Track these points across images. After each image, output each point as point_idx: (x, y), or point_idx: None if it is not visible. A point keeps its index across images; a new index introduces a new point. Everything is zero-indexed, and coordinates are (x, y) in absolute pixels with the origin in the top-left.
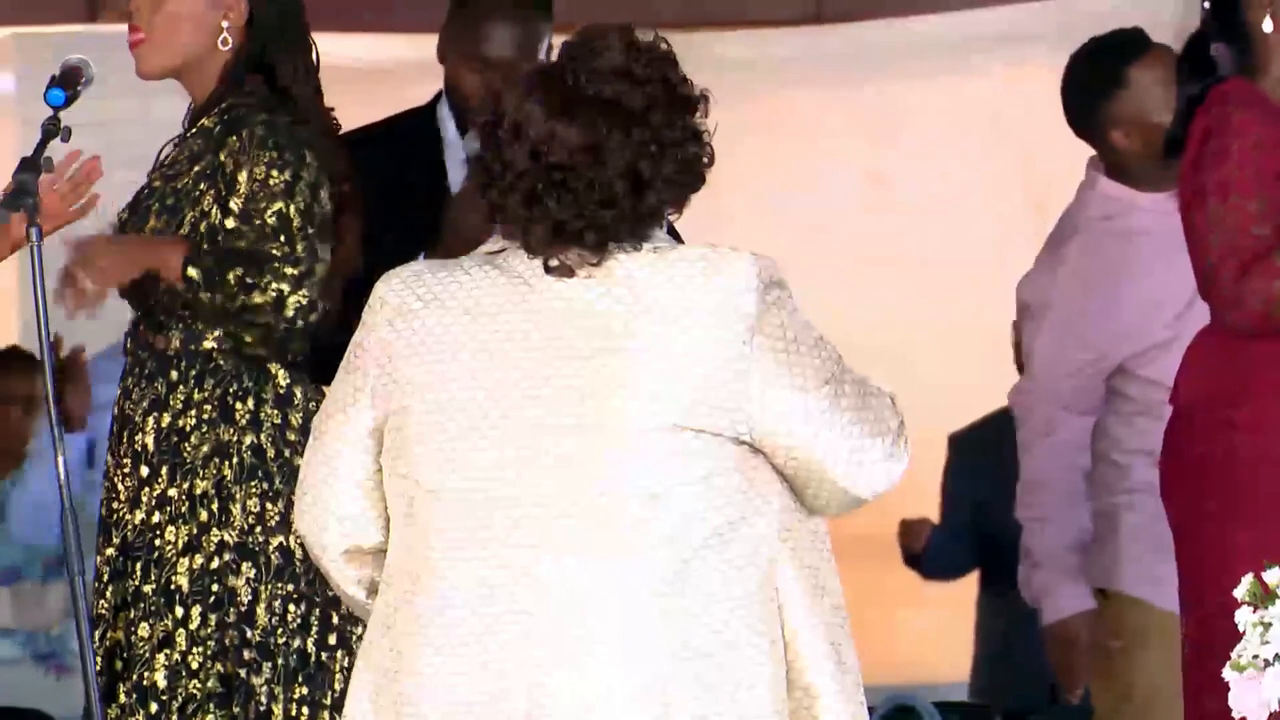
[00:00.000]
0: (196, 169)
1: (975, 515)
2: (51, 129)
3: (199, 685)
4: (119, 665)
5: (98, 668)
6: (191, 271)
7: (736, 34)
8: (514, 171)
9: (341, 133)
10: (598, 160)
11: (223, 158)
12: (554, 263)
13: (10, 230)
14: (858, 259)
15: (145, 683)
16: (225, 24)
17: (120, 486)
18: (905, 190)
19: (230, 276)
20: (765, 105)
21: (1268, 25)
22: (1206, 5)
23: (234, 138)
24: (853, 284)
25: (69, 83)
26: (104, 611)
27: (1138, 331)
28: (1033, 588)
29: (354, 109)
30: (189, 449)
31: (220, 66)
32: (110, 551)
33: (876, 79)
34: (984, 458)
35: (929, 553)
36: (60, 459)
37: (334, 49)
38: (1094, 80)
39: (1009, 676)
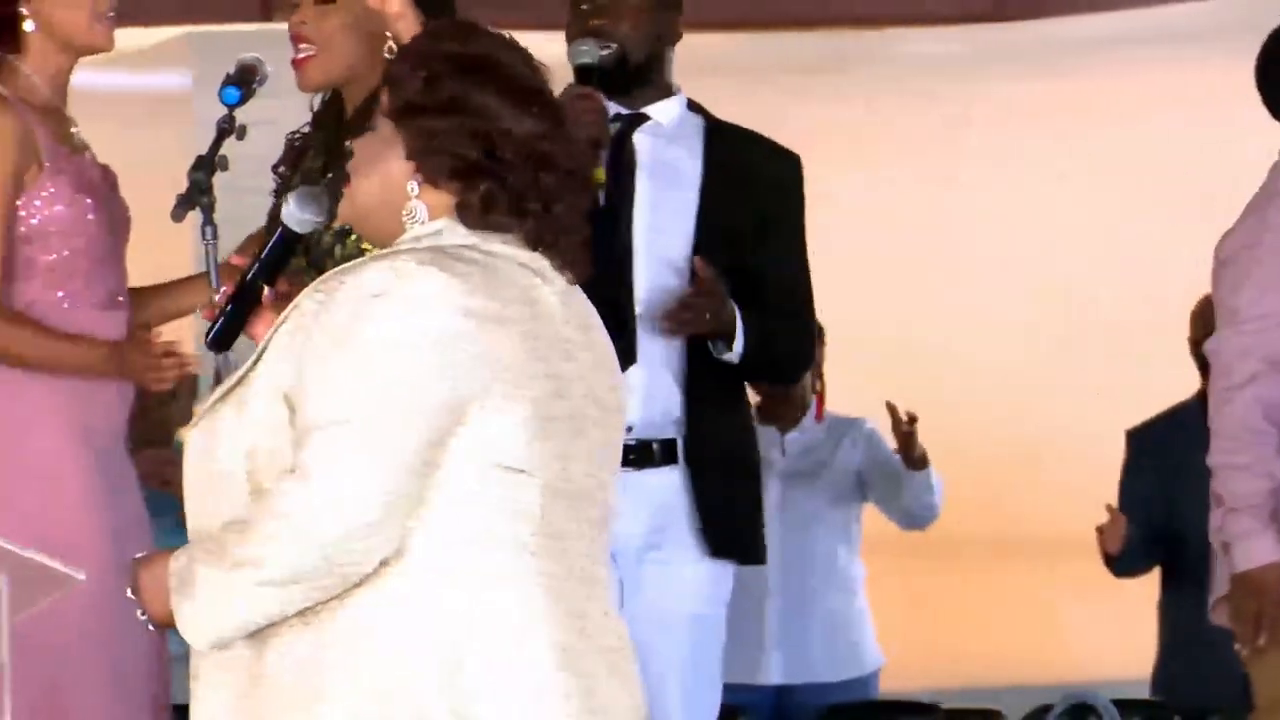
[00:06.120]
0: None
1: (1156, 511)
2: (226, 127)
3: None
4: None
5: None
6: None
7: (909, 30)
8: (526, 170)
9: None
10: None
11: None
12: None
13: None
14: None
15: None
16: (390, 34)
17: None
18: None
19: None
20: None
21: None
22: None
23: None
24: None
25: (243, 81)
26: None
27: None
28: (1225, 533)
29: None
30: None
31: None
32: None
33: (1050, 74)
34: (1163, 453)
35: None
36: None
37: None
38: None
39: (1196, 675)
